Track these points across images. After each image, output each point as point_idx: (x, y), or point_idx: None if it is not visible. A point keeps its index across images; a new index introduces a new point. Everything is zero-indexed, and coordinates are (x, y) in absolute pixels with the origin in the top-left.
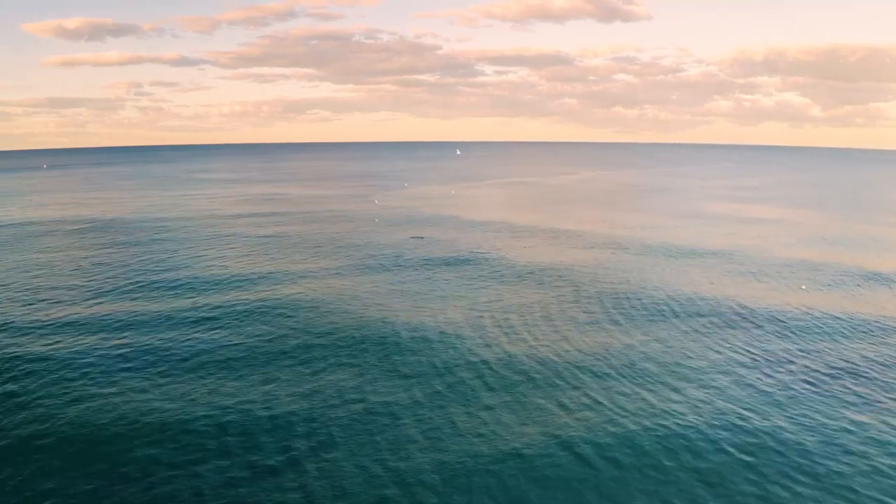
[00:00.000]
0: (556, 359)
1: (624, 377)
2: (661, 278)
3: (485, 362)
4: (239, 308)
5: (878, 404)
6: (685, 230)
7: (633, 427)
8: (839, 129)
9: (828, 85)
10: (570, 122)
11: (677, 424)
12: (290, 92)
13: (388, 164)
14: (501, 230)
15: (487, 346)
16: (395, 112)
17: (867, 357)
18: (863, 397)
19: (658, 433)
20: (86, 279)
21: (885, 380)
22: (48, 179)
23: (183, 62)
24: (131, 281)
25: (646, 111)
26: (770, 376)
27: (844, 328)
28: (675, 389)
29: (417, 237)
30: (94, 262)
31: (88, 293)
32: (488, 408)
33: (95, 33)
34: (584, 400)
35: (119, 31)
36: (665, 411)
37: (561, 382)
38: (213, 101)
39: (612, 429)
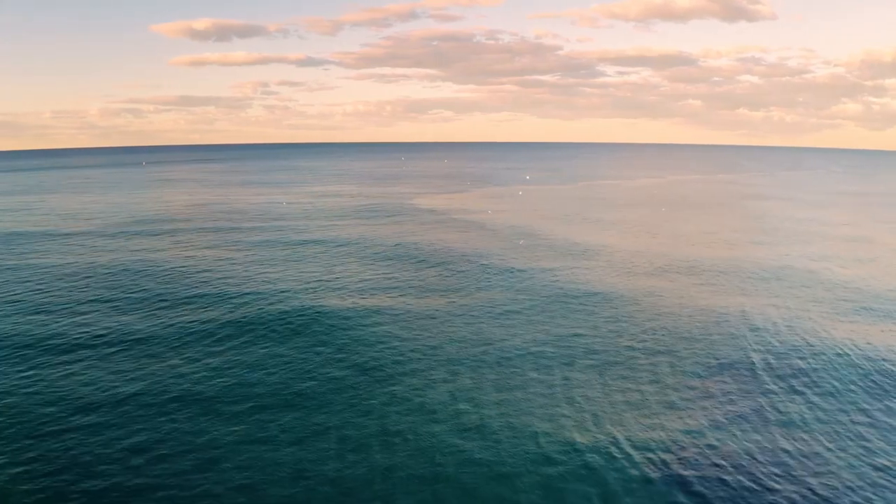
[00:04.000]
0: None
1: None
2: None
3: None
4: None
5: None
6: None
7: None
8: None
9: None
10: (694, 124)
11: None
12: (412, 92)
13: (499, 163)
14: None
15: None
16: (515, 112)
17: None
18: None
19: None
20: None
21: None
22: (106, 176)
23: (308, 62)
24: None
25: (771, 113)
26: None
27: None
28: None
29: None
30: None
31: None
32: None
33: (223, 34)
34: None
35: (246, 31)
36: None
37: None
38: (337, 101)
39: None
